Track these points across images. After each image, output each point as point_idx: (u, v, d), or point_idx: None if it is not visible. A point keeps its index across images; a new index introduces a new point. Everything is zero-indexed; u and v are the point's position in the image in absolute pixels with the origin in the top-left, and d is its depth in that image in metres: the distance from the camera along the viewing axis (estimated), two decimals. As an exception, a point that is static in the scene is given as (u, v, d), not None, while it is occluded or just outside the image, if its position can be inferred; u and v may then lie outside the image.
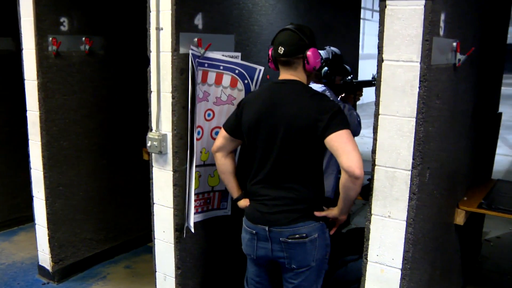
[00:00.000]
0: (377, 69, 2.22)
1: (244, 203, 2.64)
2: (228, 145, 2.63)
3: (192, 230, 2.92)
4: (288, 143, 2.37)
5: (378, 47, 2.19)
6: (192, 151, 2.82)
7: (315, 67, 2.43)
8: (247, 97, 2.64)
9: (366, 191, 2.40)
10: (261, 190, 2.49)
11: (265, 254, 2.51)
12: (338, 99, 3.30)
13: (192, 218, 2.87)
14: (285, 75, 2.47)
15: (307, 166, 2.41)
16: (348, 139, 2.25)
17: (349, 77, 3.46)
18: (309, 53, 2.39)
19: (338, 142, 2.24)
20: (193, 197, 2.86)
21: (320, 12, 4.37)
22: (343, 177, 2.25)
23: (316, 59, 2.41)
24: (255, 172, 2.51)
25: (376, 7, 16.05)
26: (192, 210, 2.87)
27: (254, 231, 2.51)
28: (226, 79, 2.97)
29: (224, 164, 2.66)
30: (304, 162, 2.39)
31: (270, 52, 2.51)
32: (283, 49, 2.41)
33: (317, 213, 2.44)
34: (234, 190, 2.71)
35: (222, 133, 2.62)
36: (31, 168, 3.91)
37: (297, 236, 2.41)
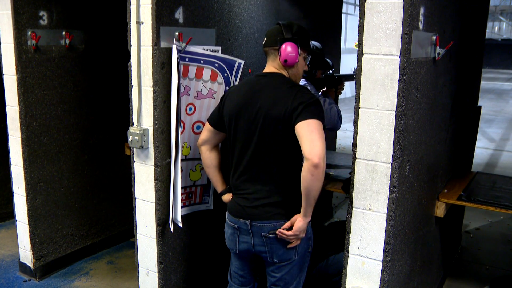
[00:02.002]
0: (357, 63, 2.23)
1: (228, 197, 2.64)
2: (213, 138, 2.64)
3: (180, 225, 2.92)
4: (265, 135, 2.37)
5: (358, 41, 2.20)
6: (178, 145, 2.81)
7: (287, 60, 2.42)
8: (229, 89, 2.65)
9: (348, 184, 2.42)
10: (242, 184, 2.50)
11: (247, 248, 2.52)
12: (320, 93, 3.31)
13: (180, 213, 2.87)
14: (268, 67, 2.50)
15: (284, 158, 2.40)
16: (315, 128, 2.22)
17: (330, 71, 3.48)
18: (283, 46, 2.41)
19: (305, 130, 2.22)
20: (179, 192, 2.86)
21: (302, 6, 4.38)
22: (304, 167, 2.21)
23: (290, 53, 2.41)
24: (235, 165, 2.52)
25: (358, 1, 16.12)
26: (179, 205, 2.86)
27: (236, 225, 2.51)
28: (206, 73, 2.97)
29: (209, 157, 2.66)
30: (282, 154, 2.39)
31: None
32: (265, 39, 2.48)
33: (279, 231, 2.40)
34: (218, 184, 2.71)
35: (207, 126, 2.64)
36: (11, 164, 3.87)
37: (278, 228, 2.42)
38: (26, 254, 3.98)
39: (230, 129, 2.51)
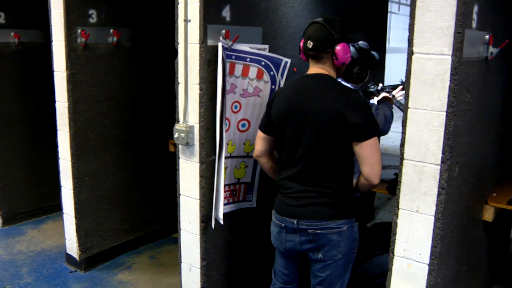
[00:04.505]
0: (407, 62, 2.19)
1: None
2: (268, 146, 2.64)
3: (221, 222, 2.94)
4: (313, 137, 2.36)
5: (408, 40, 2.16)
6: (222, 142, 2.82)
7: (344, 63, 2.40)
8: (276, 91, 2.63)
9: (393, 185, 2.39)
10: (288, 183, 2.49)
11: (293, 246, 2.52)
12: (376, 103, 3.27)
13: (222, 210, 2.88)
14: (314, 68, 2.46)
15: (334, 160, 2.39)
16: (376, 150, 2.35)
17: (378, 86, 3.43)
18: (338, 48, 2.36)
19: (366, 153, 2.33)
20: (222, 189, 2.87)
21: (347, 5, 4.34)
22: (361, 180, 2.43)
23: (345, 54, 2.38)
24: (283, 165, 2.52)
25: (403, 0, 15.87)
26: (221, 202, 2.88)
27: (282, 224, 2.51)
28: (253, 71, 2.97)
29: (272, 167, 2.71)
30: (331, 157, 2.38)
31: (301, 44, 2.50)
32: (311, 43, 2.39)
33: None
34: None
35: (260, 135, 2.64)
36: (59, 158, 3.97)
37: (326, 227, 2.41)
38: (72, 246, 4.09)
39: (278, 131, 2.50)
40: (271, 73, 3.04)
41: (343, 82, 2.94)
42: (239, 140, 3.04)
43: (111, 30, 3.97)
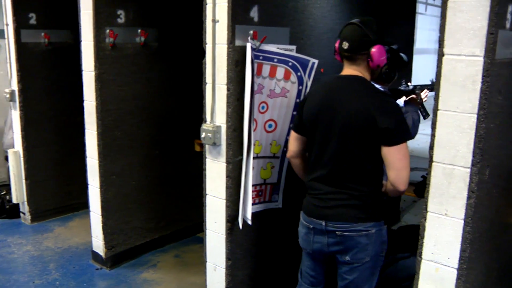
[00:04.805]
0: (437, 64, 2.16)
1: None
2: (302, 146, 2.63)
3: (249, 222, 2.93)
4: (344, 139, 2.35)
5: (439, 41, 2.13)
6: (250, 142, 2.82)
7: (379, 65, 2.38)
8: (308, 92, 2.64)
9: (420, 188, 2.36)
10: (317, 185, 2.48)
11: (320, 248, 2.50)
12: (403, 104, 3.24)
13: (250, 210, 2.88)
14: (348, 70, 2.44)
15: (363, 163, 2.37)
16: (404, 156, 2.30)
17: (409, 85, 3.39)
18: (373, 50, 2.35)
19: (394, 157, 2.30)
20: (250, 189, 2.88)
21: (376, 6, 4.30)
22: (388, 185, 2.39)
23: (381, 57, 2.36)
24: (312, 166, 2.51)
25: (430, 0, 15.67)
26: (250, 202, 2.88)
27: (310, 225, 2.50)
28: (280, 71, 2.97)
29: (304, 168, 2.69)
30: (361, 160, 2.37)
31: (336, 45, 2.48)
32: (347, 44, 2.38)
33: None
34: None
35: (292, 135, 2.64)
36: (86, 157, 4.02)
37: (354, 229, 2.40)
38: (98, 244, 4.13)
39: (309, 131, 2.50)
40: (298, 73, 3.03)
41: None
42: (265, 141, 3.04)
43: (139, 30, 4.00)
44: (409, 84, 3.42)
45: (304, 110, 2.52)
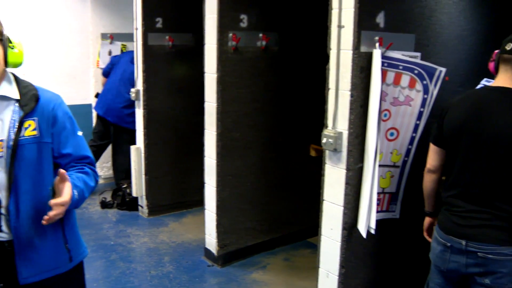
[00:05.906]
0: None
1: (430, 220, 2.62)
2: (442, 160, 2.49)
3: (373, 232, 2.87)
4: (493, 157, 2.21)
5: None
6: (376, 150, 2.77)
7: None
8: (449, 102, 2.47)
9: None
10: (458, 201, 2.35)
11: (457, 268, 2.36)
12: None
13: (374, 219, 2.83)
14: (501, 80, 2.28)
15: (510, 183, 2.21)
16: None
17: None
18: None
19: None
20: (375, 198, 2.82)
21: (507, 12, 4.05)
22: None
23: None
24: (452, 182, 2.39)
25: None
26: (374, 211, 2.82)
27: (448, 244, 2.36)
28: (405, 79, 2.88)
29: (439, 183, 2.57)
30: (508, 179, 2.21)
31: (495, 52, 2.33)
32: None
33: None
34: (431, 205, 2.66)
35: (432, 148, 2.52)
36: (204, 157, 4.15)
37: (499, 252, 2.24)
38: (211, 241, 4.25)
39: (450, 144, 2.38)
40: (424, 82, 2.92)
41: None
42: (386, 149, 2.96)
43: (260, 35, 4.07)
44: None
45: (445, 122, 2.39)
